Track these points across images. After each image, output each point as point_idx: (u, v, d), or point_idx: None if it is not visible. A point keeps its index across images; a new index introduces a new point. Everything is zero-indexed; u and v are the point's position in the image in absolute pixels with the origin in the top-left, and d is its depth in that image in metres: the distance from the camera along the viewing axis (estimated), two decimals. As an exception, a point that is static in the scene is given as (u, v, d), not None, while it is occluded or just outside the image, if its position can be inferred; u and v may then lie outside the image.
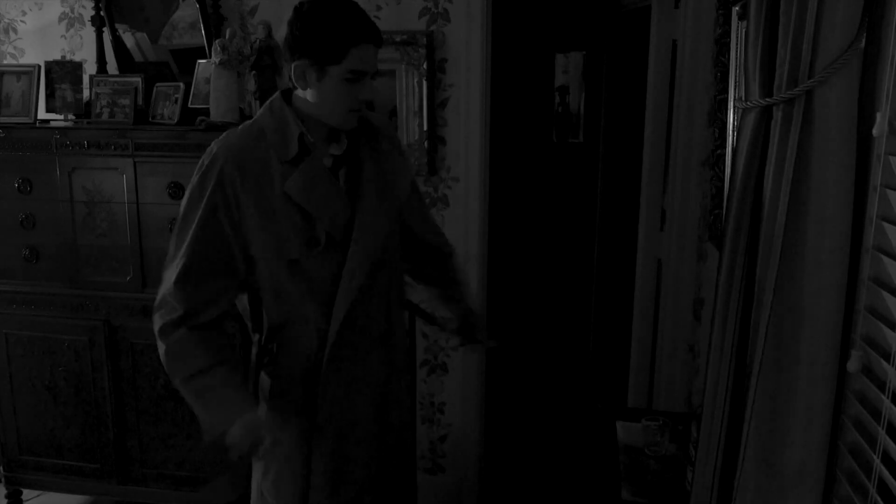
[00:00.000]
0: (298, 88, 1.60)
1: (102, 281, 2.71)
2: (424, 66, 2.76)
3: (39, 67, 2.79)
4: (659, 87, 2.89)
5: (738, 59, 1.87)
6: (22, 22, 3.09)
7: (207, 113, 2.61)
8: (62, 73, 2.82)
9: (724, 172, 2.03)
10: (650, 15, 2.91)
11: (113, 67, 2.94)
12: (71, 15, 3.03)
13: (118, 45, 2.93)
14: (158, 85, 2.76)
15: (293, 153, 1.59)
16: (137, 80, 2.77)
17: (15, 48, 3.11)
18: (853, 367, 1.13)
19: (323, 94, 1.58)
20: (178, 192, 2.56)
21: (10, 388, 2.86)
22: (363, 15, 1.57)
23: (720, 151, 2.09)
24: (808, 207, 1.13)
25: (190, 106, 2.70)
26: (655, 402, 2.84)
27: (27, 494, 3.06)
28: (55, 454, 2.89)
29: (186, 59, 2.86)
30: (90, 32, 2.94)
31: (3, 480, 2.98)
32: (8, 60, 3.10)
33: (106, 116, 2.70)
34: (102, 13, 2.88)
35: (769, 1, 1.20)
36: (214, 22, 2.83)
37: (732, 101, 1.96)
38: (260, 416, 1.62)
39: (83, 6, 2.99)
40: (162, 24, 2.91)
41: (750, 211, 1.27)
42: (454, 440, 3.08)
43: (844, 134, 1.10)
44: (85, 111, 2.81)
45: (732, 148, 1.92)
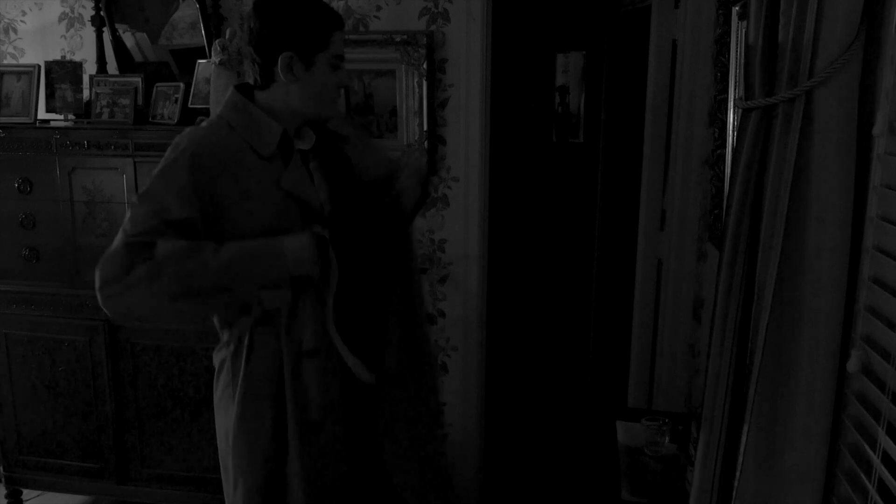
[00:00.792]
0: (266, 86, 1.62)
1: (102, 281, 2.71)
2: (424, 66, 2.76)
3: (39, 67, 2.80)
4: (659, 86, 2.89)
5: (738, 59, 1.87)
6: (22, 22, 3.09)
7: (207, 113, 2.61)
8: (62, 73, 2.82)
9: (724, 172, 2.03)
10: (650, 15, 2.91)
11: (113, 67, 2.94)
12: (71, 15, 3.03)
13: (118, 45, 2.93)
14: (158, 85, 2.76)
15: (272, 149, 1.61)
16: (137, 80, 2.77)
17: (15, 48, 3.11)
18: (853, 367, 1.13)
19: (311, 83, 1.61)
20: (178, 192, 2.56)
21: (10, 388, 2.87)
22: (327, 2, 1.65)
23: (720, 151, 2.09)
24: (808, 207, 1.13)
25: (190, 106, 2.70)
26: (655, 402, 2.84)
27: (27, 494, 3.06)
28: (55, 454, 2.89)
29: (186, 59, 2.86)
30: (90, 32, 2.94)
31: (3, 480, 2.98)
32: (8, 60, 3.10)
33: (106, 116, 2.70)
34: (102, 13, 2.88)
35: (769, 1, 1.20)
36: (214, 22, 2.83)
37: (732, 101, 1.95)
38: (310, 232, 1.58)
39: (83, 6, 2.99)
40: (162, 24, 2.90)
41: (750, 211, 1.27)
42: (454, 440, 3.08)
43: (844, 134, 1.10)
44: (85, 111, 2.81)
45: (732, 148, 1.92)
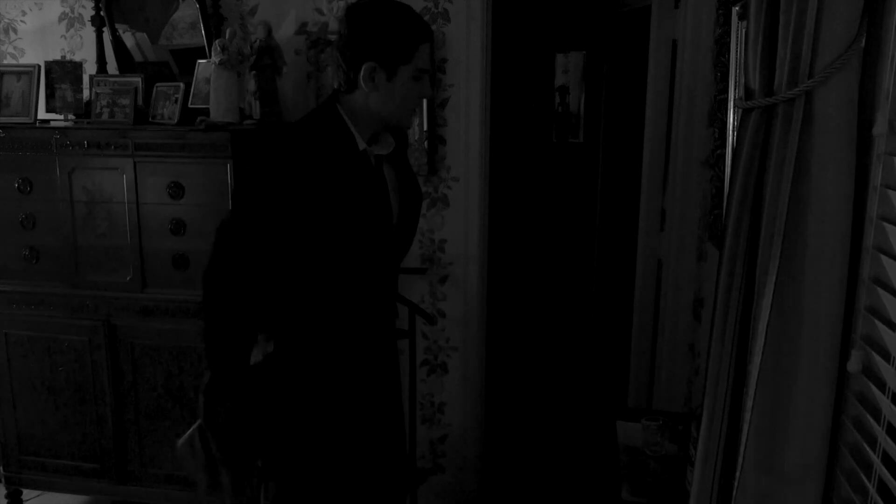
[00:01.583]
0: (350, 91, 1.64)
1: (102, 281, 2.71)
2: (424, 66, 2.76)
3: (39, 67, 2.79)
4: (659, 86, 2.89)
5: (738, 59, 1.87)
6: (22, 22, 3.09)
7: (207, 113, 2.61)
8: (62, 73, 2.82)
9: (724, 172, 2.03)
10: (650, 15, 2.91)
11: (113, 67, 2.94)
12: (71, 15, 3.03)
13: (118, 45, 2.93)
14: (158, 85, 2.76)
15: (350, 157, 1.65)
16: (137, 80, 2.77)
17: (15, 48, 3.12)
18: (853, 367, 1.13)
19: (392, 93, 1.63)
20: (178, 191, 2.56)
21: (10, 388, 2.86)
22: (419, 14, 1.66)
23: (720, 151, 2.09)
24: (808, 207, 1.13)
25: (190, 106, 2.70)
26: (655, 402, 2.84)
27: (27, 494, 3.06)
28: (55, 454, 2.89)
29: (186, 59, 2.86)
30: (90, 32, 2.94)
31: (3, 480, 2.98)
32: (8, 60, 3.10)
33: (106, 116, 2.70)
34: (102, 13, 2.88)
35: (769, 1, 1.20)
36: (214, 22, 2.83)
37: (732, 101, 1.96)
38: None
39: (83, 6, 2.99)
40: (162, 24, 2.90)
41: (750, 211, 1.27)
42: (454, 440, 3.08)
43: (844, 134, 1.10)
44: (85, 111, 2.81)
45: (732, 148, 1.92)
